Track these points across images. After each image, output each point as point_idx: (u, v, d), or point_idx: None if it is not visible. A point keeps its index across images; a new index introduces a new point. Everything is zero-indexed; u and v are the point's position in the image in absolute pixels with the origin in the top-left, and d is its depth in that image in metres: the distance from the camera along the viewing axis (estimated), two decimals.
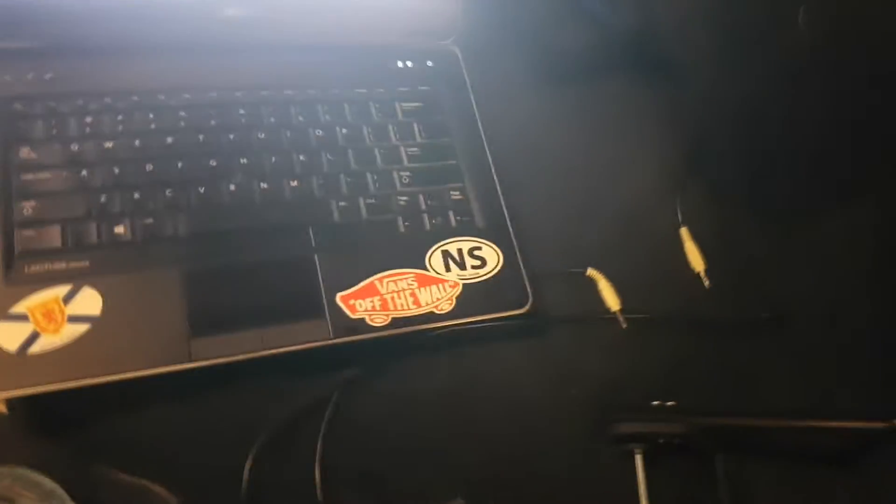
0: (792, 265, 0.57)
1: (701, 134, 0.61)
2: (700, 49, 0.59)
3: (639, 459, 0.47)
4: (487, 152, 0.55)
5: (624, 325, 0.52)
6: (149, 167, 0.49)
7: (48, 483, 0.39)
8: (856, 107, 0.57)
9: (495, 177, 0.54)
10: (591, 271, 0.54)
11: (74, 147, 0.48)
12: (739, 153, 0.61)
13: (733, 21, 0.60)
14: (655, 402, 0.48)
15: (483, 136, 0.56)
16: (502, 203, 0.54)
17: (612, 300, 0.52)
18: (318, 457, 0.46)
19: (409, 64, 0.58)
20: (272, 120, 0.52)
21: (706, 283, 0.55)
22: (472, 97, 0.57)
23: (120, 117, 0.50)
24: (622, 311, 0.52)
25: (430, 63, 0.58)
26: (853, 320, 0.55)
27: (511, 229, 0.53)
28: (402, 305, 0.48)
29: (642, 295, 0.54)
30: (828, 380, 0.53)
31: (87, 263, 0.45)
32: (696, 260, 0.55)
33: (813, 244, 0.58)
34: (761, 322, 0.55)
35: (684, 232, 0.56)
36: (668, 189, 0.59)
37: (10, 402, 0.43)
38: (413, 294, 0.48)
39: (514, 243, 0.52)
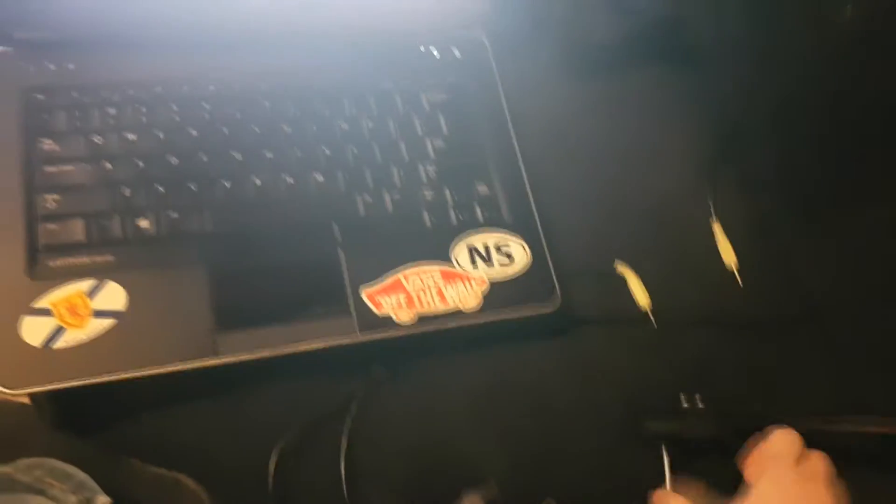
0: (826, 260, 0.56)
1: (734, 126, 0.60)
2: (733, 38, 0.58)
3: (666, 459, 0.46)
4: (515, 145, 0.54)
5: (655, 325, 0.51)
6: (173, 160, 0.48)
7: (79, 474, 0.39)
8: (891, 99, 0.55)
9: (523, 171, 0.53)
10: (620, 268, 0.53)
11: (97, 139, 0.48)
12: (773, 146, 0.59)
13: (767, 10, 0.59)
14: (686, 404, 0.47)
15: (511, 128, 0.55)
16: (530, 198, 0.52)
17: (642, 298, 0.51)
18: (343, 454, 0.45)
19: (435, 54, 0.57)
20: (297, 112, 0.51)
21: (739, 280, 0.53)
22: (500, 88, 0.56)
23: (143, 109, 0.49)
24: (652, 309, 0.51)
25: (457, 53, 0.57)
26: (887, 317, 0.54)
27: (539, 225, 0.52)
28: (428, 302, 0.47)
29: (672, 291, 0.53)
30: (861, 378, 0.52)
31: (111, 258, 0.45)
32: (729, 256, 0.54)
33: (847, 238, 0.57)
34: (793, 319, 0.53)
35: (717, 227, 0.55)
36: (699, 183, 0.58)
37: (36, 396, 0.43)
38: (439, 291, 0.48)
39: (543, 239, 0.51)
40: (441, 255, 0.49)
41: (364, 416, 0.47)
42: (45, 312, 0.42)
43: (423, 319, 0.47)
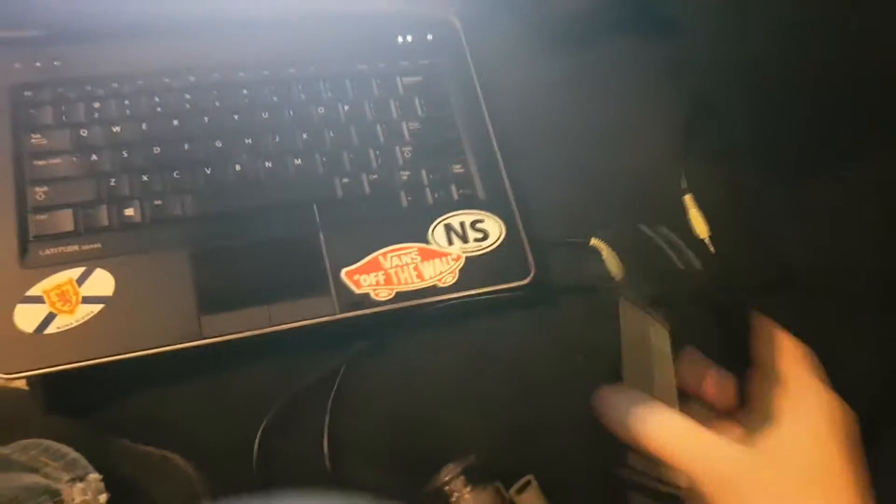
0: (799, 226, 0.56)
1: (705, 94, 0.60)
2: (703, 6, 0.58)
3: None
4: (489, 124, 0.55)
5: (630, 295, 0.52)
6: (156, 150, 0.49)
7: (72, 453, 0.41)
8: (862, 63, 0.55)
9: (497, 148, 0.54)
10: (594, 240, 0.53)
11: (83, 132, 0.49)
12: (745, 113, 0.59)
13: None
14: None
15: (484, 107, 0.56)
16: (504, 175, 0.53)
17: (615, 269, 0.52)
18: (326, 429, 0.47)
19: (409, 38, 0.57)
20: (275, 99, 0.53)
21: (711, 249, 0.54)
22: (472, 68, 0.57)
23: (126, 101, 0.51)
24: (626, 279, 0.52)
25: (429, 36, 0.58)
26: (860, 282, 0.54)
27: (513, 201, 0.52)
28: (405, 279, 0.48)
29: (646, 262, 0.53)
30: (834, 344, 0.52)
31: (98, 245, 0.46)
32: (700, 227, 0.55)
33: (820, 205, 0.57)
34: (766, 287, 0.54)
35: (688, 199, 0.56)
36: (672, 154, 0.58)
37: (30, 380, 0.45)
38: (416, 268, 0.49)
39: (517, 214, 0.52)
40: (418, 233, 0.50)
41: (346, 391, 0.48)
42: (38, 300, 0.44)
43: (401, 296, 0.48)
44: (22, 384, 0.46)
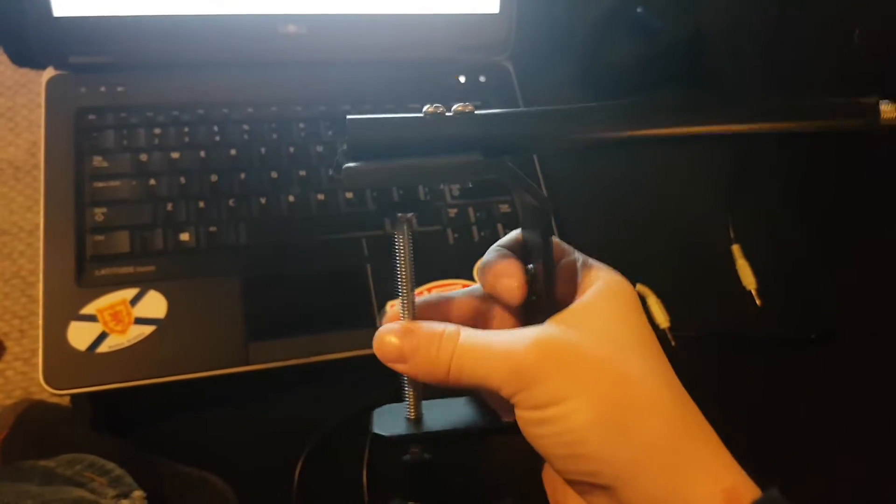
0: (844, 281, 0.56)
1: (752, 148, 0.61)
2: (750, 60, 0.59)
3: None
4: (537, 165, 0.56)
5: (673, 343, 0.52)
6: (213, 178, 0.51)
7: (116, 470, 0.41)
8: None
9: (544, 191, 0.55)
10: (640, 287, 0.54)
11: (143, 157, 0.51)
12: (792, 167, 0.60)
13: (783, 32, 0.60)
14: None
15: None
16: (551, 217, 0.54)
17: (660, 317, 0.52)
18: (365, 460, 0.47)
19: (461, 80, 0.59)
20: (330, 134, 0.54)
21: (758, 301, 0.54)
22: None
23: (186, 129, 0.52)
24: (671, 328, 0.52)
25: (482, 79, 0.59)
26: None
27: None
28: None
29: (692, 311, 0.53)
30: (877, 401, 0.52)
31: (153, 268, 0.47)
32: (747, 278, 0.55)
33: (866, 259, 0.57)
34: (810, 340, 0.54)
35: (736, 249, 0.56)
36: (719, 205, 0.58)
37: (78, 397, 0.45)
38: None
39: None
40: (463, 270, 0.51)
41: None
42: (91, 318, 0.45)
43: None
44: (65, 400, 0.47)
